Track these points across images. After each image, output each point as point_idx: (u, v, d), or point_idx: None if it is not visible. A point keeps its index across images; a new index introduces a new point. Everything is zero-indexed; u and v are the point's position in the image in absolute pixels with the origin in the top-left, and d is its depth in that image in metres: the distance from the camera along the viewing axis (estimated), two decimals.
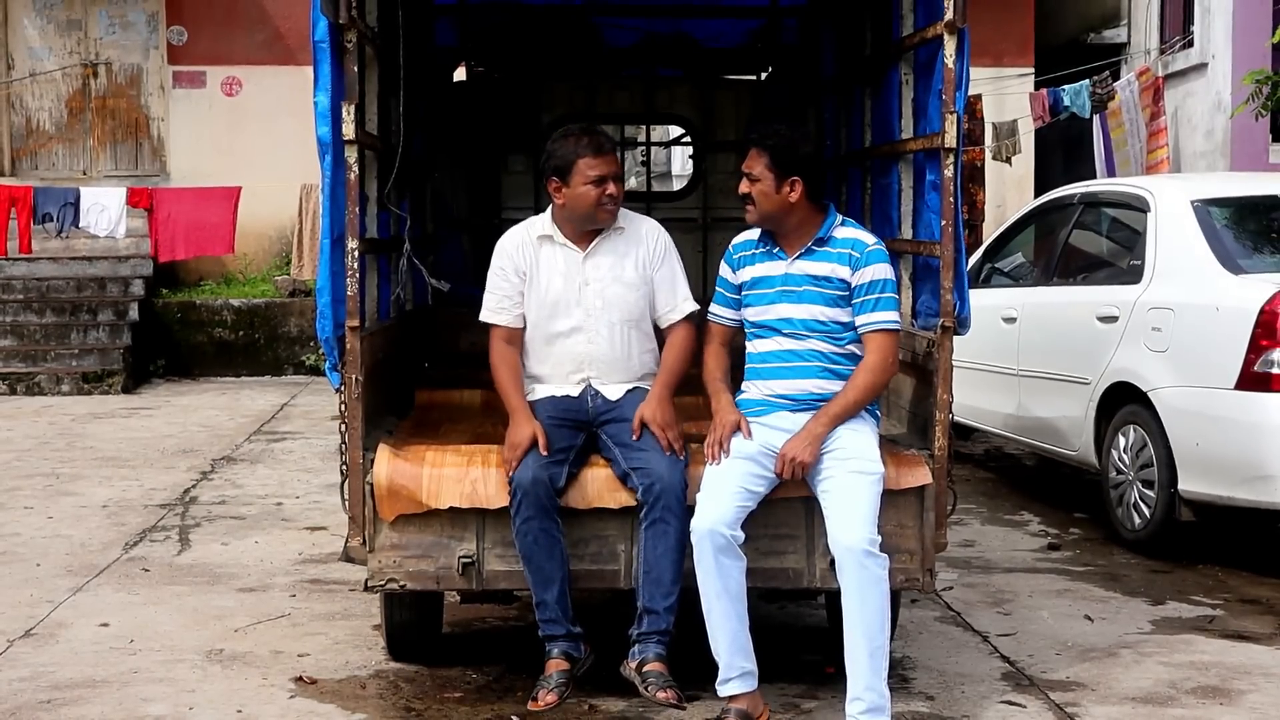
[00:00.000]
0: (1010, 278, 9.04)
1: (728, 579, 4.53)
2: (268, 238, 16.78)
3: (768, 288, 4.82)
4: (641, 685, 4.63)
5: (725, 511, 4.54)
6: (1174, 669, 5.34)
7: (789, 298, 4.78)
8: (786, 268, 4.80)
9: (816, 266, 4.77)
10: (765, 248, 4.87)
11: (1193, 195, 7.45)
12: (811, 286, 4.76)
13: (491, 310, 5.03)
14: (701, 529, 4.52)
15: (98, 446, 10.59)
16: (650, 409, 4.79)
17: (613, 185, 4.88)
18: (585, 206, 4.89)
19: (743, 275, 4.89)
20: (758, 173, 4.75)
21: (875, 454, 4.66)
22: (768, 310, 4.81)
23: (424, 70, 6.71)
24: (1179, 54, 14.40)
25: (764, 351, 4.82)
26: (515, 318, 5.01)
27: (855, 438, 4.67)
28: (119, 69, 16.91)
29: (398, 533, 4.78)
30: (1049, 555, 7.24)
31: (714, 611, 4.56)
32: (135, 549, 7.25)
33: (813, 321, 4.75)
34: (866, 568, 4.43)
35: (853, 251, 4.76)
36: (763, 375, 4.82)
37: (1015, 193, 16.23)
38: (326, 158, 4.76)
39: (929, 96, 5.14)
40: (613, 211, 4.93)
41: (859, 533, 4.46)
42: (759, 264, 4.86)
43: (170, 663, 5.36)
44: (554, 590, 4.72)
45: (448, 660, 5.33)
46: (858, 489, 4.54)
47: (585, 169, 4.85)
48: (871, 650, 4.44)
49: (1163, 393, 6.96)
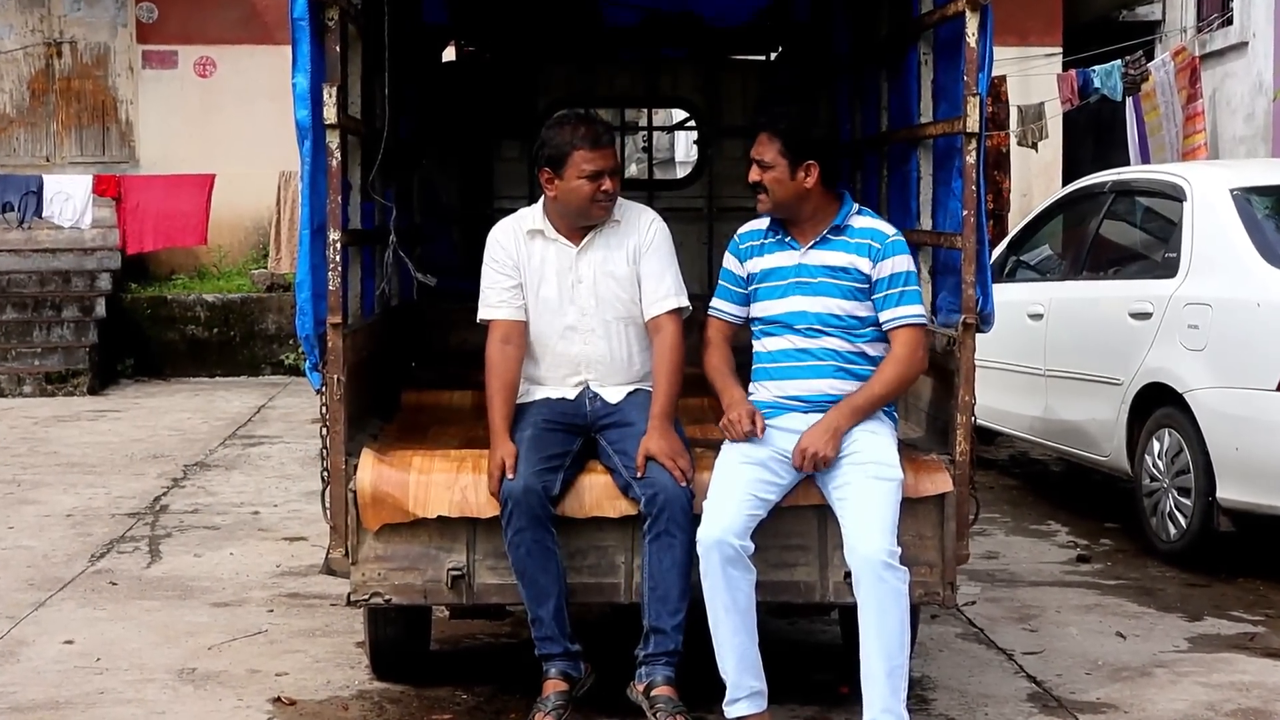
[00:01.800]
0: (1036, 271, 9.04)
1: (736, 592, 4.53)
2: (244, 229, 16.78)
3: (779, 280, 4.82)
4: (650, 711, 4.63)
5: (734, 520, 4.54)
6: (1212, 690, 5.34)
7: (803, 290, 4.78)
8: (800, 258, 4.81)
9: (833, 257, 4.77)
10: (776, 237, 4.87)
11: (1232, 183, 7.45)
12: (827, 278, 4.76)
13: (491, 306, 4.99)
14: (709, 539, 4.52)
15: (62, 451, 10.60)
16: (655, 443, 4.71)
17: (609, 181, 4.87)
18: (578, 202, 4.89)
19: (751, 267, 4.89)
20: (770, 159, 4.74)
21: (894, 458, 4.66)
22: (779, 304, 4.81)
23: (411, 50, 6.71)
24: (1217, 32, 14.39)
25: (774, 350, 4.82)
26: (517, 310, 4.97)
27: (873, 441, 4.67)
28: (85, 48, 16.91)
29: (383, 543, 4.78)
30: (1078, 568, 7.25)
31: (721, 627, 4.56)
32: (102, 561, 7.25)
33: (828, 316, 4.75)
34: (885, 581, 4.43)
35: (872, 242, 4.76)
36: (773, 376, 4.82)
37: (1042, 180, 16.23)
38: (306, 143, 4.76)
39: (950, 78, 5.14)
40: (607, 208, 4.93)
41: (878, 543, 4.46)
42: (769, 255, 4.86)
43: (139, 683, 5.36)
44: (550, 605, 4.72)
45: (436, 680, 5.33)
46: (876, 496, 4.54)
47: (581, 162, 4.84)
48: (889, 669, 4.44)
49: (1200, 394, 6.96)
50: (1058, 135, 15.86)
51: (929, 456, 4.92)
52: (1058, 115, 14.99)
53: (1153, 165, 12.18)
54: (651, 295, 4.96)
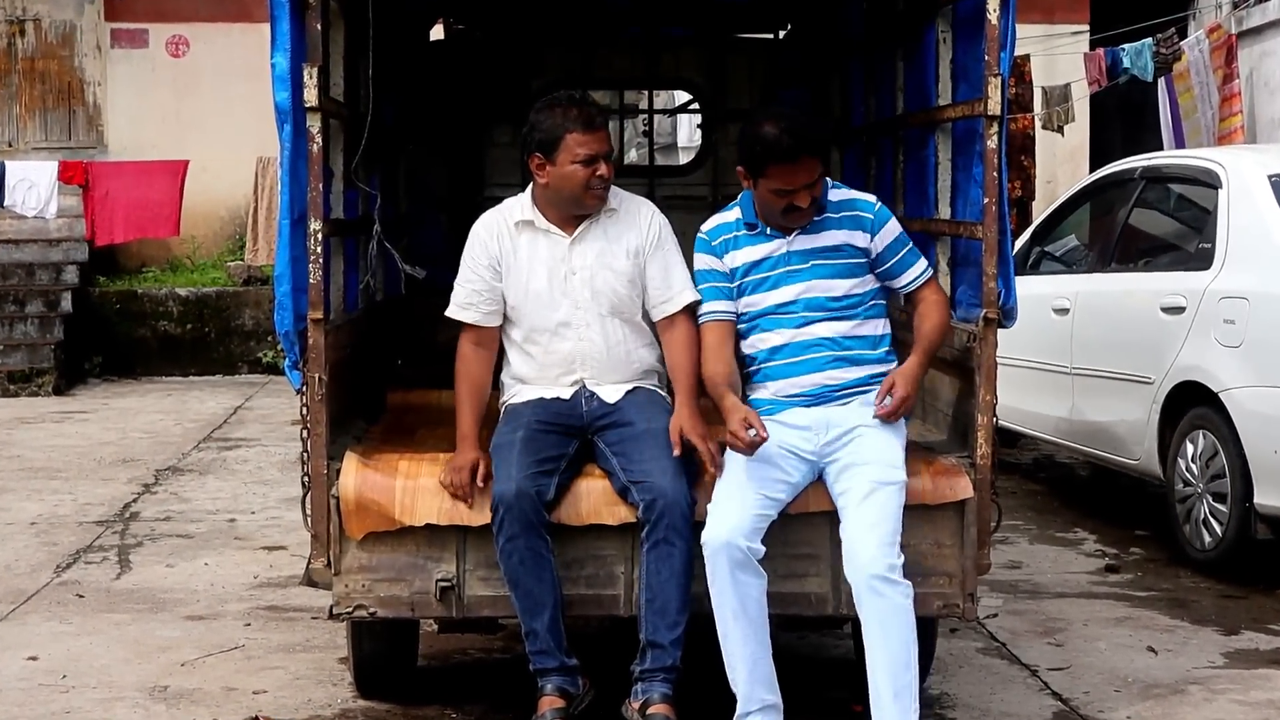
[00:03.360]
0: (1062, 263, 9.05)
1: (746, 598, 4.53)
2: (219, 218, 16.80)
3: (767, 271, 4.85)
4: None
5: (742, 521, 4.54)
6: (1250, 708, 5.34)
7: (793, 278, 4.82)
8: (787, 246, 4.84)
9: (823, 238, 4.83)
10: (753, 229, 4.88)
11: (1270, 169, 7.45)
12: (820, 260, 4.81)
13: (459, 305, 5.04)
14: (716, 541, 4.52)
15: (25, 455, 10.61)
16: (687, 421, 4.75)
17: (604, 166, 4.89)
18: (572, 188, 4.90)
19: (730, 262, 4.90)
20: (818, 175, 4.77)
21: (899, 458, 4.67)
22: (767, 296, 4.84)
23: (397, 28, 6.71)
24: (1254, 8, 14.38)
25: (766, 348, 4.85)
26: (487, 315, 5.02)
27: (878, 438, 4.69)
28: (49, 26, 16.92)
29: (367, 553, 4.79)
30: (1106, 578, 7.25)
31: (730, 635, 4.56)
32: (68, 572, 7.26)
33: (821, 299, 4.80)
34: (886, 596, 4.44)
35: (862, 213, 4.86)
36: (770, 376, 4.84)
37: (1068, 166, 16.24)
38: (286, 127, 4.76)
39: (970, 57, 5.14)
40: (602, 195, 4.94)
41: (876, 556, 4.46)
42: (747, 247, 4.88)
43: (108, 701, 5.36)
44: (545, 618, 4.72)
45: (423, 697, 5.34)
46: (877, 502, 4.55)
47: (574, 146, 4.85)
48: (897, 690, 4.44)
49: (1236, 393, 6.96)
50: (1085, 118, 15.87)
51: (948, 460, 4.92)
52: (1085, 97, 14.99)
53: (1186, 150, 12.19)
54: (664, 293, 4.99)
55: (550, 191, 4.94)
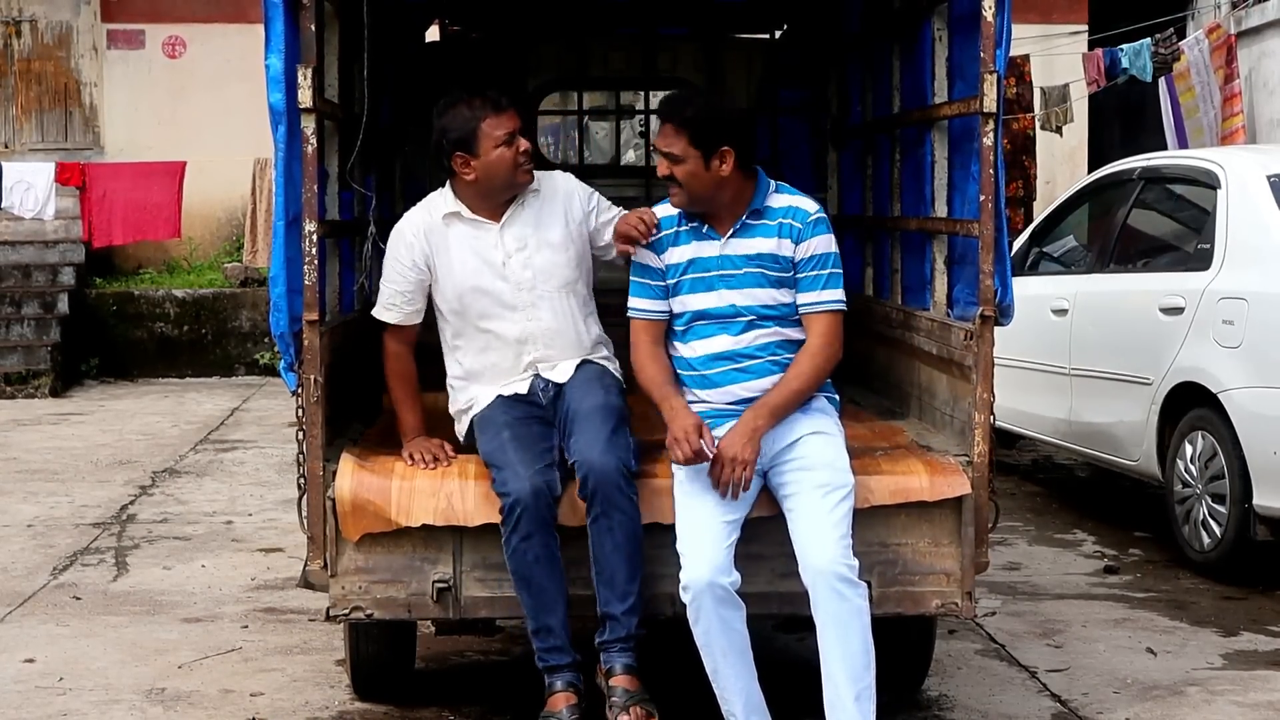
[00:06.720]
0: (1060, 264, 9.05)
1: (732, 634, 4.52)
2: (216, 220, 16.80)
3: (703, 271, 4.80)
4: (607, 704, 4.65)
5: (716, 556, 4.51)
6: (1249, 710, 5.35)
7: (728, 283, 4.77)
8: (721, 249, 4.79)
9: (754, 244, 4.77)
10: (691, 225, 4.84)
11: (1269, 169, 7.46)
12: (751, 268, 4.76)
13: (383, 306, 5.09)
14: (698, 583, 4.48)
15: (22, 458, 10.61)
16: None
17: (522, 141, 4.95)
18: (504, 171, 4.94)
19: (669, 258, 4.85)
20: (680, 151, 4.69)
21: (844, 462, 4.65)
22: (703, 299, 4.79)
23: (392, 28, 6.71)
24: (1254, 8, 14.39)
25: (702, 355, 4.79)
26: (408, 315, 5.07)
27: (821, 446, 4.66)
28: (45, 27, 16.93)
29: (364, 554, 4.79)
30: (1105, 579, 7.26)
31: (723, 673, 4.55)
32: (65, 574, 7.26)
33: (758, 307, 4.75)
34: (848, 598, 4.42)
35: (793, 222, 4.77)
36: (706, 384, 4.79)
37: (1066, 167, 16.24)
38: (280, 128, 4.77)
39: (966, 55, 5.15)
40: (530, 170, 4.99)
41: (836, 557, 4.44)
42: (687, 245, 4.84)
43: (105, 704, 5.37)
44: (559, 613, 4.71)
45: (421, 699, 5.34)
46: (825, 507, 4.52)
47: (491, 130, 4.90)
48: (859, 692, 4.43)
49: (1235, 394, 6.97)
50: (1083, 119, 15.87)
51: (945, 458, 4.92)
52: (1083, 97, 15.00)
53: (1184, 150, 12.21)
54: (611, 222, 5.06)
55: (480, 185, 4.97)
